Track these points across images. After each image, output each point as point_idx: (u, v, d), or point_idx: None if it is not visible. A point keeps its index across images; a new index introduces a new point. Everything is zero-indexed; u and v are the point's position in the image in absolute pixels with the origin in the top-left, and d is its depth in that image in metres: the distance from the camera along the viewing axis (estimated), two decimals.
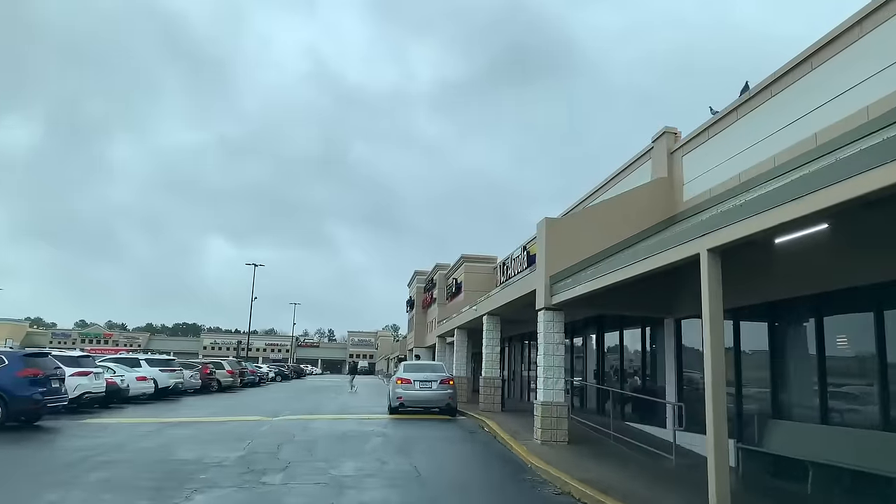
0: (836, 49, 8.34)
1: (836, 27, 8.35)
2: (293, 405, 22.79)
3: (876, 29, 7.70)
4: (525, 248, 24.02)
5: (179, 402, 24.69)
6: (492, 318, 18.44)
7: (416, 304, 43.03)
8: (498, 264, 28.57)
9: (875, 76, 7.55)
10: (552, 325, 12.36)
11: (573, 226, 12.71)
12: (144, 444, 11.67)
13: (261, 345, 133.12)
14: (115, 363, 24.91)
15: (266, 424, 15.22)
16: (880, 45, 7.56)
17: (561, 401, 12.19)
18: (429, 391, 17.37)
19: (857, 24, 7.97)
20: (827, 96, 8.40)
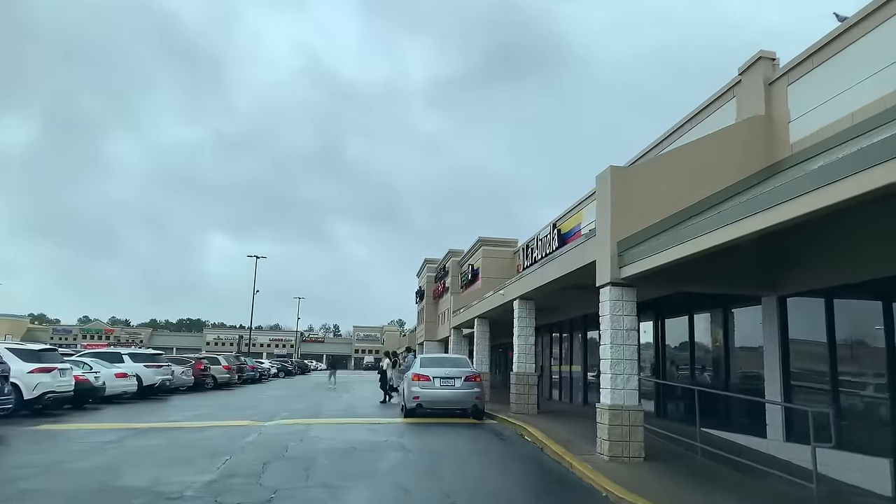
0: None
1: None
2: (292, 405, 19.99)
3: None
4: (555, 225, 21.11)
5: (166, 401, 21.96)
6: (525, 302, 15.57)
7: (427, 294, 40.19)
8: (520, 247, 25.69)
9: None
10: (621, 305, 9.47)
11: (647, 176, 9.79)
12: (89, 463, 8.88)
13: (265, 340, 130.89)
14: (93, 358, 22.20)
15: (255, 432, 12.40)
16: None
17: (635, 404, 9.31)
18: (451, 390, 14.52)
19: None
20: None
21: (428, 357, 16.30)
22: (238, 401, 22.54)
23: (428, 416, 15.02)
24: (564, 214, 20.80)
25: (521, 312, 15.55)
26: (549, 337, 22.65)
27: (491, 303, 18.96)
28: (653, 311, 14.11)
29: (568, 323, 20.47)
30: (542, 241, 22.06)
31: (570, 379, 20.38)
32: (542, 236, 22.33)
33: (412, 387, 14.64)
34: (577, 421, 13.68)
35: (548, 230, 21.60)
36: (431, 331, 39.20)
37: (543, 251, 21.87)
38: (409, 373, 15.55)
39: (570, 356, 20.46)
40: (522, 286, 15.36)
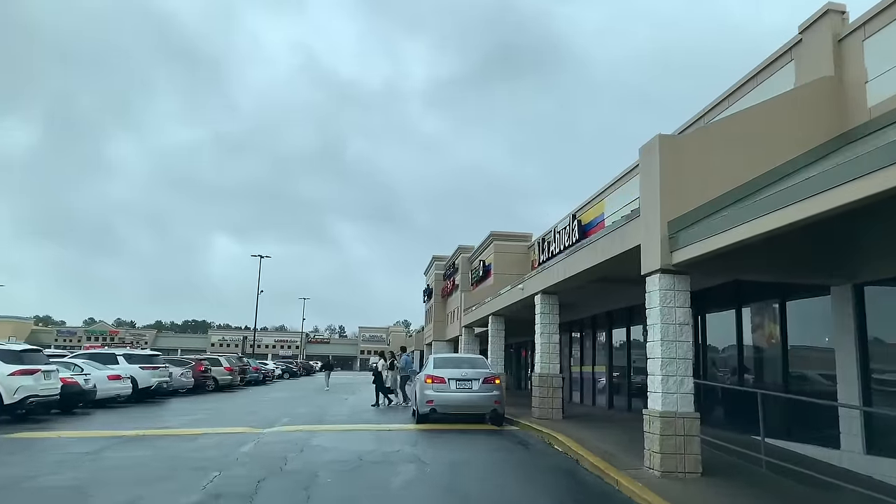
0: None
1: None
2: (295, 409, 18.73)
3: None
4: (575, 216, 19.79)
5: (162, 405, 20.76)
6: (547, 297, 14.24)
7: (435, 292, 38.88)
8: (535, 241, 24.38)
9: None
10: (672, 295, 8.15)
11: (701, 146, 8.46)
12: (58, 479, 7.63)
13: (270, 341, 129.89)
14: (86, 360, 21.05)
15: (252, 440, 11.13)
16: None
17: (690, 410, 7.98)
18: (468, 393, 13.21)
19: None
20: None
21: (442, 357, 14.98)
22: (238, 404, 21.31)
23: (442, 421, 13.71)
24: (584, 205, 19.47)
25: (544, 308, 14.22)
26: (567, 336, 21.29)
27: (508, 298, 17.64)
28: (692, 305, 12.75)
29: (589, 320, 19.13)
30: (561, 233, 20.73)
31: (591, 381, 19.04)
32: (559, 228, 21.01)
33: (425, 389, 13.34)
34: (609, 428, 12.36)
35: (566, 221, 20.27)
36: (440, 330, 37.89)
37: (562, 244, 20.54)
38: (421, 374, 14.25)
39: (592, 356, 19.11)
40: (545, 279, 14.04)
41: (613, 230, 9.96)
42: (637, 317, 15.73)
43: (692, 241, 7.70)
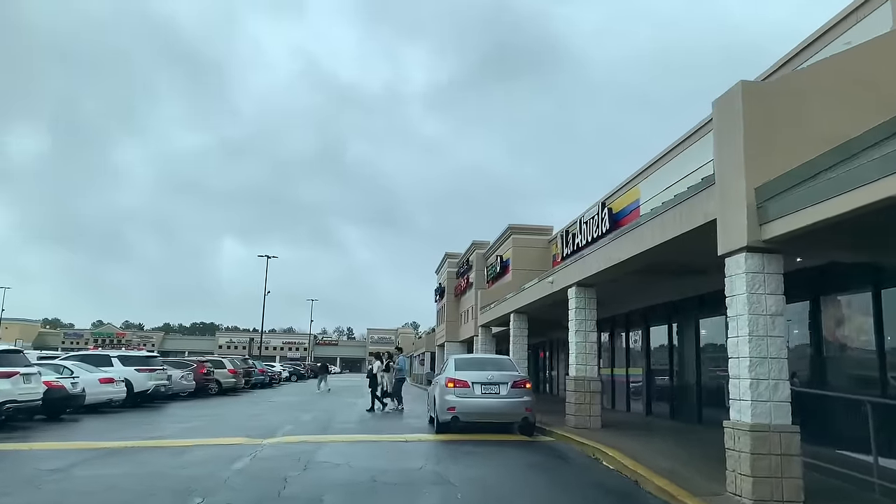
0: None
1: None
2: (300, 416, 17.23)
3: None
4: (605, 204, 18.19)
5: (159, 410, 19.34)
6: (584, 291, 12.65)
7: (448, 291, 37.32)
8: (557, 234, 22.78)
9: None
10: (762, 280, 6.56)
11: (793, 95, 6.86)
12: None
13: (278, 343, 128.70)
14: (77, 362, 19.64)
15: (248, 455, 9.60)
16: None
17: (787, 423, 6.40)
18: (495, 399, 11.63)
19: None
20: None
21: (464, 358, 13.38)
22: (240, 409, 19.82)
23: (465, 431, 12.14)
24: (615, 192, 17.88)
25: (579, 303, 12.63)
26: None
27: (534, 293, 16.05)
28: None
29: (622, 318, 17.51)
30: (588, 223, 19.14)
31: (625, 385, 17.40)
32: (587, 219, 19.41)
33: (446, 395, 11.77)
34: (661, 439, 10.76)
35: (595, 210, 18.68)
36: (453, 331, 36.33)
37: (590, 235, 18.95)
38: (441, 377, 12.68)
39: (625, 358, 17.48)
40: (580, 270, 12.45)
41: (676, 206, 8.36)
42: (680, 314, 14.11)
43: (790, 211, 6.11)
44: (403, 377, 19.38)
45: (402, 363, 19.43)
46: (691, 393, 13.43)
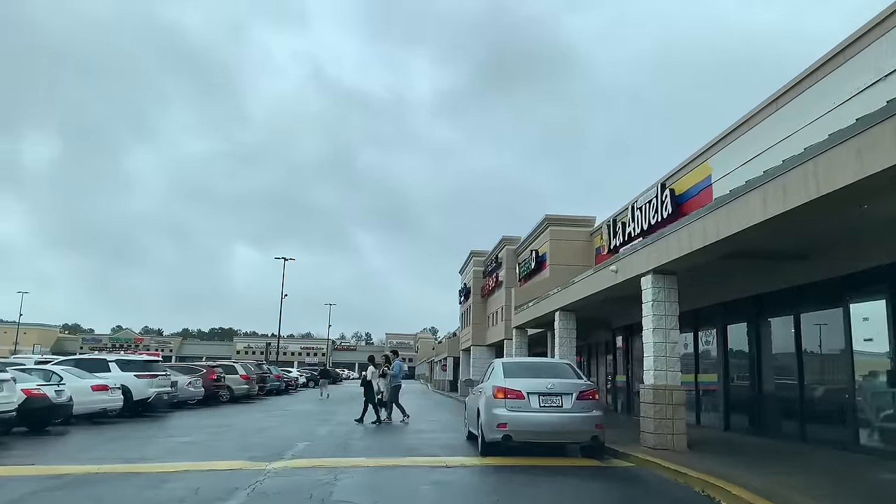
0: None
1: None
2: (316, 428, 15.02)
3: None
4: (664, 185, 15.76)
5: (158, 421, 17.30)
6: (662, 279, 10.26)
7: (474, 292, 34.96)
8: (603, 224, 20.36)
9: None
10: None
11: None
12: None
13: (296, 348, 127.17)
14: (70, 367, 17.66)
15: (244, 488, 7.34)
16: None
17: None
18: (558, 413, 9.27)
19: None
20: None
21: (514, 363, 10.95)
22: (249, 420, 17.65)
23: (517, 453, 9.76)
24: (676, 171, 15.46)
25: (657, 294, 10.22)
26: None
27: (588, 287, 13.66)
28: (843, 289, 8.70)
29: (690, 316, 14.93)
30: (643, 209, 16.71)
31: (694, 394, 14.87)
32: (640, 204, 16.98)
33: (494, 408, 9.43)
34: (777, 465, 8.31)
35: (652, 193, 16.25)
36: (480, 334, 33.94)
37: (645, 222, 16.52)
38: (486, 385, 10.33)
39: (693, 363, 14.93)
40: (658, 254, 10.06)
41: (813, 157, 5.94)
42: (774, 308, 11.63)
43: None
44: (399, 384, 17.00)
45: (398, 368, 17.11)
46: (791, 405, 10.94)
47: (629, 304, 15.91)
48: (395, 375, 16.93)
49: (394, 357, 17.61)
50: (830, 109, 9.48)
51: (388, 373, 16.94)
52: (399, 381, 17.04)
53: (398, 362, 17.31)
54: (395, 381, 16.88)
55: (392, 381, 16.84)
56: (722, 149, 13.50)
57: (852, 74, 9.07)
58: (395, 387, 16.89)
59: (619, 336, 19.56)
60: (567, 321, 16.11)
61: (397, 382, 16.94)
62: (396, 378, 16.94)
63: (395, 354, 17.93)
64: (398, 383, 16.98)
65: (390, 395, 16.82)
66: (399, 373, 17.14)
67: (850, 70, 9.19)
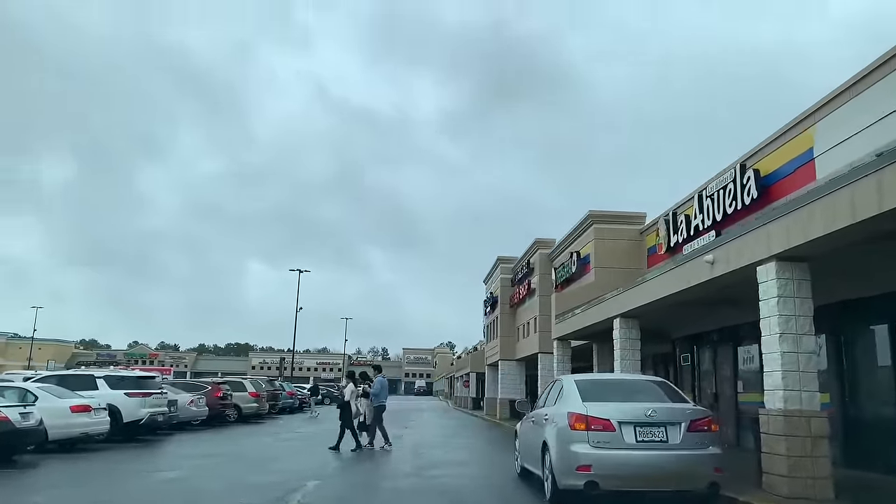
0: None
1: None
2: (331, 460, 12.52)
3: None
4: (745, 166, 13.18)
5: (149, 447, 14.99)
6: (790, 269, 7.68)
7: (501, 302, 32.35)
8: (659, 219, 17.75)
9: None
10: None
11: None
12: None
13: (312, 363, 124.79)
14: (50, 385, 15.44)
15: None
16: None
17: None
18: (663, 450, 6.69)
19: None
20: None
21: (591, 381, 8.26)
22: (253, 446, 15.18)
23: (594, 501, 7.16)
24: (761, 147, 12.88)
25: (783, 288, 7.64)
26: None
27: (672, 283, 11.02)
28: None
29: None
30: (715, 197, 14.12)
31: None
32: (711, 192, 14.38)
33: (571, 443, 6.87)
34: None
35: (728, 177, 13.66)
36: (509, 347, 31.28)
37: (718, 212, 13.93)
38: (552, 412, 7.74)
39: None
40: (784, 235, 7.49)
41: None
42: None
43: None
44: (383, 404, 14.44)
45: (381, 386, 14.52)
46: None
47: (705, 308, 13.35)
48: (378, 395, 14.38)
49: (376, 373, 15.01)
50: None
51: (371, 391, 14.40)
52: (383, 400, 14.48)
53: (381, 379, 14.71)
54: (377, 400, 14.31)
55: (374, 400, 14.29)
56: (828, 114, 10.93)
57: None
58: (379, 407, 14.33)
59: (681, 348, 16.88)
60: (629, 330, 13.51)
61: (381, 402, 14.37)
62: (380, 397, 14.34)
63: (377, 370, 15.34)
64: (382, 403, 14.41)
65: (373, 418, 14.31)
66: (383, 391, 14.57)
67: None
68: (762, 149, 12.83)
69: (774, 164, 12.38)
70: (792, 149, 11.88)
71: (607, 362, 20.13)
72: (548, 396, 8.64)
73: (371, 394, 14.38)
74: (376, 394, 14.38)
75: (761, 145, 12.86)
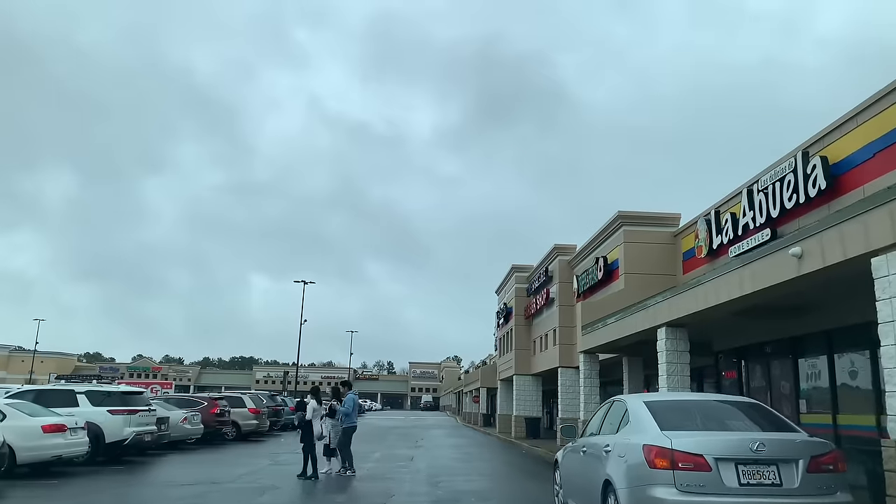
0: None
1: None
2: (335, 496, 10.84)
3: None
4: (807, 154, 11.57)
5: (132, 472, 13.45)
6: None
7: (516, 313, 30.63)
8: (699, 218, 16.06)
9: None
10: None
11: None
12: None
13: (317, 377, 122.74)
14: (25, 401, 13.90)
15: None
16: None
17: None
18: (775, 497, 5.04)
19: None
20: None
21: (665, 402, 6.48)
22: (247, 473, 13.48)
23: None
24: (830, 131, 11.24)
25: None
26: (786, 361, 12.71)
27: (741, 283, 9.35)
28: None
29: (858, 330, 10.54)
30: (769, 192, 12.45)
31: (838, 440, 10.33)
32: (765, 185, 12.73)
33: (652, 487, 5.20)
34: None
35: (788, 167, 12.02)
36: (524, 361, 29.50)
37: (775, 207, 12.25)
38: (619, 442, 6.04)
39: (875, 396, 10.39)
40: None
41: None
42: None
43: None
44: (354, 425, 12.87)
45: (351, 404, 12.90)
46: None
47: (762, 317, 11.67)
48: (349, 414, 12.63)
49: (345, 390, 13.15)
50: None
51: (340, 410, 12.69)
52: (353, 420, 12.76)
53: (352, 396, 12.91)
54: (347, 420, 12.59)
55: (345, 420, 12.56)
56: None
57: None
58: (349, 428, 12.61)
59: (724, 362, 15.16)
60: (677, 341, 11.83)
61: (351, 423, 12.65)
62: (350, 417, 12.63)
63: (346, 387, 13.43)
64: (352, 424, 12.69)
65: (340, 440, 12.62)
66: (353, 410, 12.82)
67: None
68: (828, 134, 11.21)
69: (846, 149, 10.74)
70: (869, 131, 10.25)
71: (638, 378, 18.43)
72: (604, 421, 6.96)
73: (341, 412, 12.64)
74: (347, 413, 12.62)
75: (828, 129, 11.23)
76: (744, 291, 9.07)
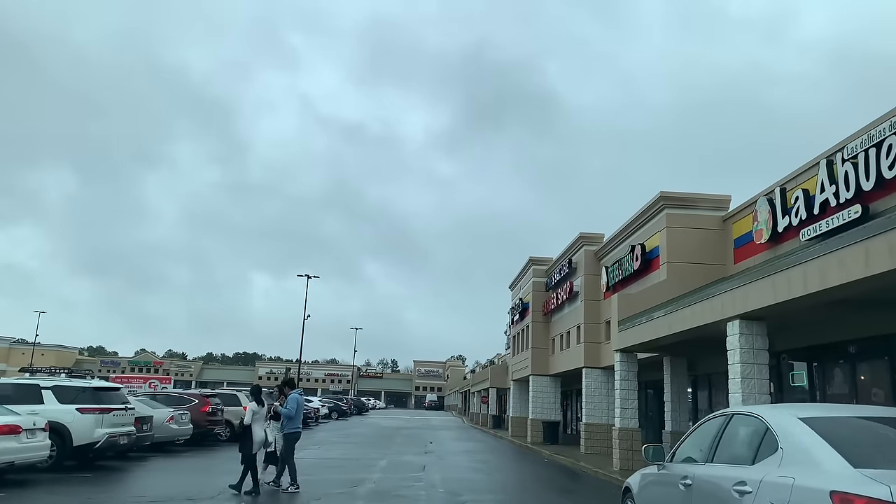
0: None
1: None
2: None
3: None
4: None
5: (100, 481, 11.60)
6: None
7: (534, 309, 28.55)
8: (758, 198, 13.93)
9: None
10: None
11: None
12: None
13: (320, 375, 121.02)
14: None
15: None
16: None
17: None
18: None
19: None
20: None
21: (838, 420, 4.22)
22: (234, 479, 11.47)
23: None
24: None
25: None
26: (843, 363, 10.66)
27: (845, 268, 7.29)
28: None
29: None
30: (861, 159, 10.36)
31: None
32: (852, 154, 10.64)
33: None
34: None
35: (888, 128, 9.92)
36: (541, 361, 27.43)
37: (869, 179, 10.15)
38: (791, 483, 3.83)
39: None
40: None
41: None
42: None
43: None
44: (298, 430, 10.78)
45: (294, 406, 10.76)
46: None
47: (843, 311, 9.63)
48: (292, 417, 10.47)
49: (288, 390, 10.91)
50: None
51: (283, 412, 10.60)
52: (297, 425, 10.61)
53: (295, 396, 10.66)
54: (291, 426, 10.48)
55: (287, 425, 10.46)
56: None
57: None
58: (292, 435, 10.47)
59: (790, 363, 13.07)
60: (753, 337, 9.75)
61: (294, 428, 10.51)
62: (293, 421, 10.48)
63: (289, 386, 11.09)
64: (296, 429, 10.55)
65: (284, 449, 10.50)
66: (297, 413, 10.63)
67: None
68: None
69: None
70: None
71: (682, 382, 16.39)
72: (719, 443, 4.89)
73: (284, 416, 10.56)
74: (290, 416, 10.49)
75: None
76: (850, 277, 6.98)
